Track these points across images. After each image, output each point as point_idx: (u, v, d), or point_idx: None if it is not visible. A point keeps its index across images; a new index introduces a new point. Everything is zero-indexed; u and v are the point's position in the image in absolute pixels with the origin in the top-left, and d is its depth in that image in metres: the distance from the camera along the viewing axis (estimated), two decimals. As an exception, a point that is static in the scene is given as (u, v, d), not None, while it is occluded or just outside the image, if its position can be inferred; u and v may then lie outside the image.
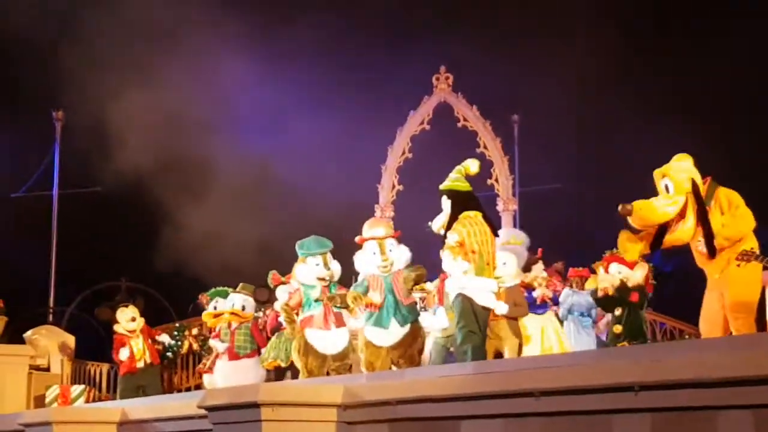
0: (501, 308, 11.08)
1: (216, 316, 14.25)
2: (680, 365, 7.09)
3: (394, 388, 9.16)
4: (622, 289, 11.47)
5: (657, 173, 9.66)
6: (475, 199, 10.94)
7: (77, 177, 23.70)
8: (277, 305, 13.25)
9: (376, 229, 11.51)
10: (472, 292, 10.37)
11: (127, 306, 15.10)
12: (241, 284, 14.31)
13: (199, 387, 15.72)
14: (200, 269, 21.10)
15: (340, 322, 11.87)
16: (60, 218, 22.87)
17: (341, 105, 22.81)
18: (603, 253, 12.09)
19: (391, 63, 24.12)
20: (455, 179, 10.88)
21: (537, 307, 12.67)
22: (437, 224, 10.93)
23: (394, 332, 11.19)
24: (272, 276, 13.29)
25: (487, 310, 10.55)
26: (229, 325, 14.04)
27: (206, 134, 23.05)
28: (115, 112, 22.93)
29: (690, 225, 9.40)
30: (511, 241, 12.50)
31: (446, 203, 10.78)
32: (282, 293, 13.22)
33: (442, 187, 10.88)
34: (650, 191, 10.07)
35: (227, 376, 13.59)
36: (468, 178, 10.96)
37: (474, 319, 10.34)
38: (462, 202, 10.73)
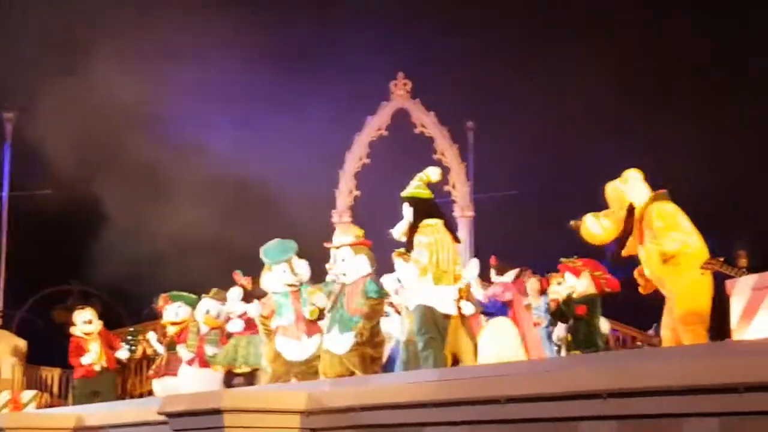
0: (467, 308, 10.68)
1: (176, 324, 14.03)
2: (648, 373, 7.13)
3: (357, 395, 9.12)
4: (568, 302, 11.50)
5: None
6: (436, 206, 10.96)
7: (28, 179, 23.37)
8: (228, 306, 13.16)
9: (335, 237, 11.41)
10: (432, 300, 10.36)
11: (84, 308, 14.90)
12: (214, 290, 14.01)
13: (152, 393, 15.48)
14: (154, 273, 20.88)
15: (311, 331, 11.70)
16: (10, 221, 22.53)
17: (300, 108, 22.72)
18: (559, 261, 12.11)
19: (349, 67, 24.08)
20: (417, 186, 10.88)
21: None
22: (398, 231, 10.91)
23: (337, 338, 10.95)
24: (234, 275, 13.19)
25: (447, 317, 10.52)
26: (198, 331, 13.83)
27: (160, 135, 22.82)
28: (66, 112, 22.62)
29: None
30: None
31: (408, 210, 10.77)
32: (233, 294, 13.11)
33: (403, 194, 10.86)
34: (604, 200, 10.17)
35: (195, 382, 13.30)
36: (429, 185, 10.96)
37: (435, 326, 10.32)
38: (424, 209, 10.73)
